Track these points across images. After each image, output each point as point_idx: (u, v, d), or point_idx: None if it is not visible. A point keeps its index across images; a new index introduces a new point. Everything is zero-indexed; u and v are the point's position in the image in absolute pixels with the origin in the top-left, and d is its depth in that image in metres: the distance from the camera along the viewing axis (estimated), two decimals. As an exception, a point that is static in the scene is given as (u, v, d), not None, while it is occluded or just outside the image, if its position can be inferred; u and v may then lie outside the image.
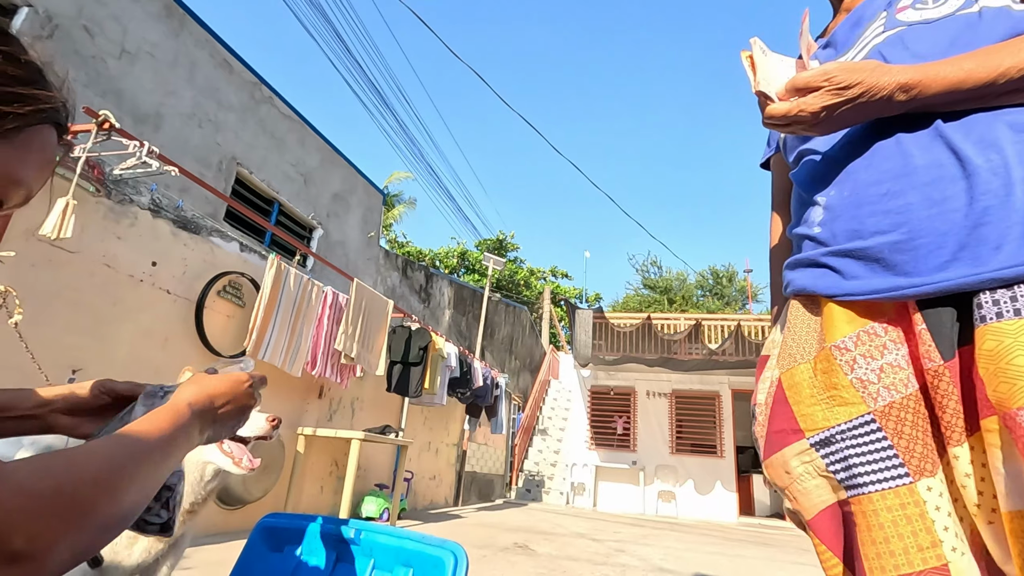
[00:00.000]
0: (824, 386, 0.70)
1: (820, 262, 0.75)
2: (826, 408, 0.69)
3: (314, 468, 4.81)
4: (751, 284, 25.34)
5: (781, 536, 7.70)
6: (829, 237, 0.75)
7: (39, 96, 0.45)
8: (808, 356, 0.74)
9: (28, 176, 0.45)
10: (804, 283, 0.77)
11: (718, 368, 10.74)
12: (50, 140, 0.48)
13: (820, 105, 0.68)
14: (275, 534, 0.81)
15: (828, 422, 0.69)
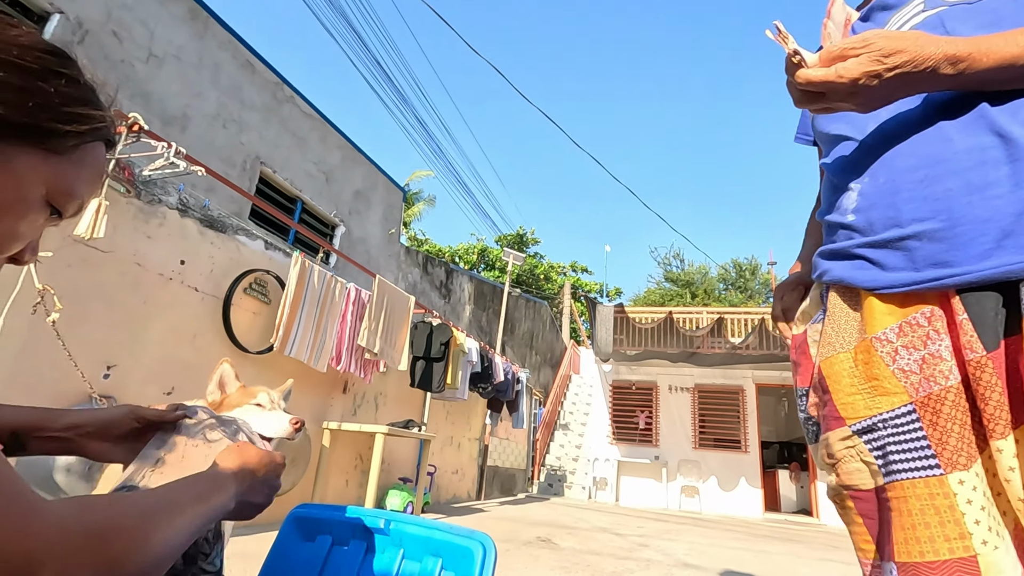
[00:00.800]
0: (865, 376, 0.69)
1: (857, 253, 0.73)
2: (867, 398, 0.68)
3: (339, 462, 4.88)
4: (775, 277, 24.93)
5: (807, 532, 7.59)
6: (865, 226, 0.73)
7: (95, 116, 0.48)
8: (847, 346, 0.72)
9: (83, 190, 0.49)
10: (841, 275, 0.75)
11: (742, 362, 10.60)
12: (102, 155, 0.51)
13: (860, 71, 0.64)
14: (307, 524, 0.82)
15: (870, 411, 0.68)
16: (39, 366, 2.62)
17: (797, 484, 11.83)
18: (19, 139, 0.43)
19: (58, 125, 0.44)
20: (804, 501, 11.48)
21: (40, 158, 0.44)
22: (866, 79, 0.64)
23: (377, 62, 25.05)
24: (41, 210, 0.46)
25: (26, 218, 0.45)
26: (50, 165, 0.45)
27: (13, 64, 0.42)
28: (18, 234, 0.46)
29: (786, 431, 14.12)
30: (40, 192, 0.45)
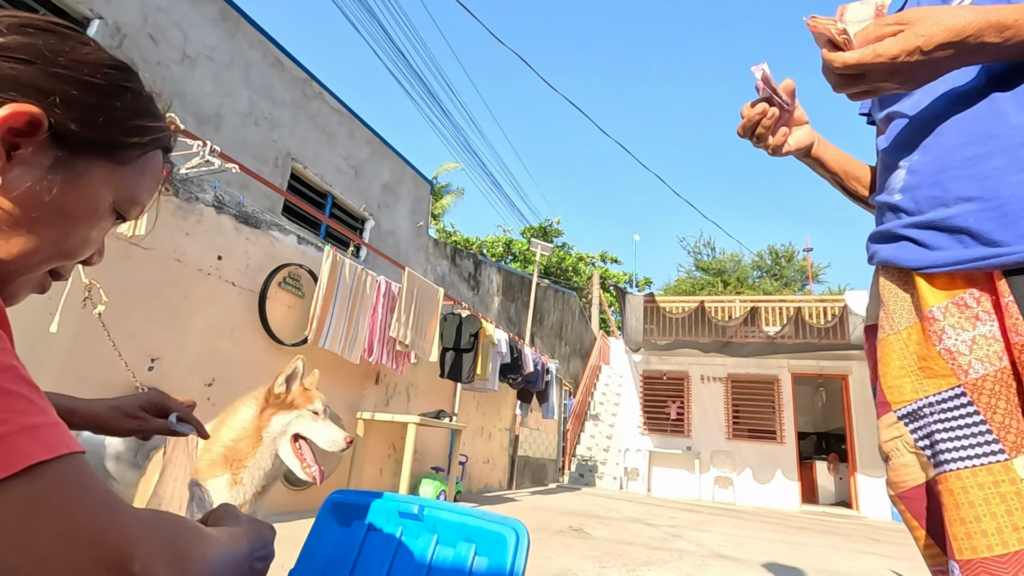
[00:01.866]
0: (917, 357, 0.67)
1: (902, 235, 0.71)
2: (915, 380, 0.66)
3: (373, 451, 4.98)
4: (811, 264, 24.23)
5: (847, 525, 7.41)
6: (911, 206, 0.71)
7: (156, 127, 0.51)
8: (898, 327, 0.70)
9: (145, 197, 0.52)
10: (888, 255, 0.73)
11: (777, 352, 10.36)
12: (160, 162, 0.54)
13: (898, 48, 0.60)
14: (343, 509, 0.84)
15: (916, 394, 0.65)
16: (89, 359, 2.74)
17: (836, 476, 11.54)
18: (92, 153, 0.45)
19: (125, 138, 0.47)
20: (843, 493, 11.19)
21: (109, 169, 0.47)
22: (905, 56, 0.61)
23: (402, 55, 25.19)
24: (109, 217, 0.50)
25: (98, 226, 0.49)
26: (118, 175, 0.48)
27: (85, 83, 0.44)
28: (91, 240, 0.50)
29: (823, 421, 13.77)
30: (109, 201, 0.48)
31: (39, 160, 0.42)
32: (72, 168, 0.44)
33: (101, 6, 3.86)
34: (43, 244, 0.45)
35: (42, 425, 0.34)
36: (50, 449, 0.33)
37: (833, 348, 9.76)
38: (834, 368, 10.54)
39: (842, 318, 9.73)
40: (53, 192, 0.43)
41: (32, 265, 0.46)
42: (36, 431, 0.33)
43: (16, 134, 0.41)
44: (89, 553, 0.32)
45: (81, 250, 0.50)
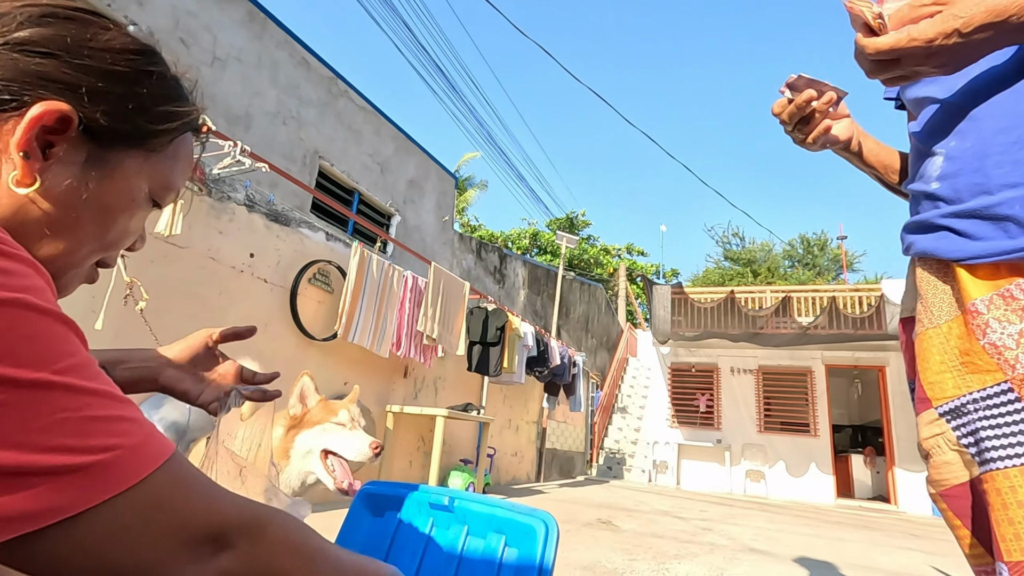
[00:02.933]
0: (959, 351, 0.64)
1: (941, 224, 0.68)
2: (958, 376, 0.63)
3: (403, 443, 5.06)
4: (846, 252, 23.54)
5: (885, 520, 7.22)
6: (950, 194, 0.68)
7: (184, 111, 0.50)
8: (938, 320, 0.68)
9: (179, 182, 0.52)
10: (926, 246, 0.70)
11: (810, 343, 10.11)
12: (191, 145, 0.54)
13: (935, 31, 0.57)
14: (376, 500, 0.86)
15: (959, 390, 0.63)
16: (131, 355, 2.84)
17: (872, 469, 11.25)
18: (123, 144, 0.45)
19: (155, 126, 0.46)
20: (880, 487, 10.90)
21: (142, 158, 0.47)
22: (942, 39, 0.57)
23: (424, 50, 25.29)
24: (147, 205, 0.50)
25: (136, 215, 0.49)
26: (150, 164, 0.47)
27: (110, 72, 0.43)
28: (132, 230, 0.50)
29: (859, 414, 13.42)
30: (145, 190, 0.48)
31: (73, 157, 0.42)
32: (106, 162, 0.44)
33: (135, 12, 3.97)
34: (86, 239, 0.45)
35: (154, 433, 0.37)
36: (160, 454, 0.37)
37: (869, 339, 9.48)
38: (870, 359, 10.25)
39: (878, 308, 9.44)
40: (90, 188, 0.43)
41: (78, 260, 0.47)
42: (152, 439, 0.37)
43: (49, 132, 0.40)
44: (192, 534, 0.37)
45: (123, 240, 0.50)
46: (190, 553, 0.37)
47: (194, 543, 0.37)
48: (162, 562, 0.36)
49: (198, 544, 0.37)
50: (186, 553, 0.37)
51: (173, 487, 0.37)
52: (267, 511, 0.43)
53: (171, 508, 0.36)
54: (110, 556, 0.34)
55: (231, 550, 0.39)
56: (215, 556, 0.38)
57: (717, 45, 70.80)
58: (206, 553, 0.38)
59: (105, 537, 0.33)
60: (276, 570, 0.42)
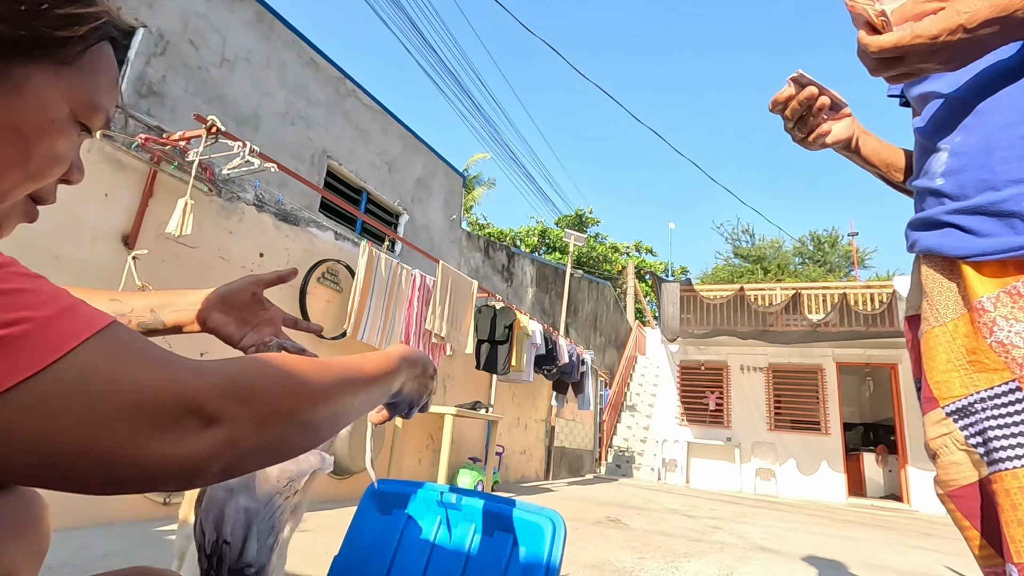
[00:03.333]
0: (965, 350, 0.63)
1: (946, 221, 0.67)
2: (964, 374, 0.63)
3: (412, 441, 5.08)
4: (857, 248, 23.31)
5: (897, 518, 7.15)
6: (955, 190, 0.67)
7: (90, 14, 0.43)
8: (943, 318, 0.67)
9: (104, 99, 0.46)
10: (931, 243, 0.69)
11: (821, 340, 10.03)
12: (111, 56, 0.47)
13: (939, 27, 0.57)
14: (384, 498, 0.86)
15: (966, 389, 0.62)
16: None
17: (885, 468, 11.15)
18: (25, 56, 0.40)
19: (56, 32, 0.41)
20: (893, 486, 10.80)
21: (53, 73, 0.42)
22: (947, 35, 0.57)
23: (432, 49, 25.31)
24: (71, 128, 0.45)
25: (61, 139, 0.44)
26: (64, 79, 0.43)
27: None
28: (59, 156, 0.44)
29: (871, 412, 13.30)
30: (65, 110, 0.43)
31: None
32: (9, 77, 0.39)
33: (145, 15, 4.00)
34: (5, 169, 0.41)
35: (78, 304, 0.34)
36: (88, 326, 0.33)
37: (881, 336, 9.39)
38: (882, 357, 10.15)
39: (890, 304, 9.34)
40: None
41: (2, 192, 0.42)
42: (75, 310, 0.33)
43: None
44: (150, 410, 0.33)
45: (50, 169, 0.44)
46: (165, 430, 0.33)
47: (165, 419, 0.33)
48: (128, 443, 0.32)
49: (171, 420, 0.33)
50: (159, 431, 0.33)
51: (113, 361, 0.33)
52: (241, 363, 0.39)
53: (114, 384, 0.32)
54: (45, 444, 0.30)
55: (221, 422, 0.35)
56: (202, 430, 0.34)
57: (726, 38, 70.36)
58: (191, 427, 0.34)
59: (31, 423, 0.30)
60: (285, 420, 0.38)
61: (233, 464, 0.37)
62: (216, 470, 0.36)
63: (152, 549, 2.31)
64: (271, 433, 0.38)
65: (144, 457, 0.33)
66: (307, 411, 0.41)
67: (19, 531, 0.49)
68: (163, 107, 4.10)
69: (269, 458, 0.40)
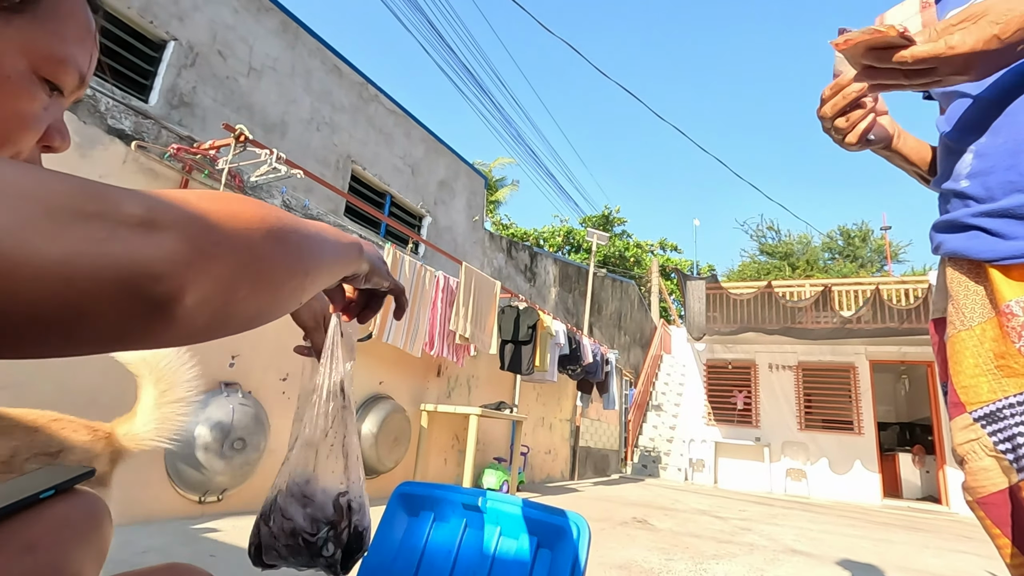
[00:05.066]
0: (993, 354, 0.62)
1: (972, 224, 0.66)
2: (993, 379, 0.61)
3: (437, 442, 5.13)
4: (890, 243, 22.63)
5: (935, 521, 6.93)
6: (981, 193, 0.66)
7: None
8: (970, 322, 0.65)
9: (69, 50, 0.40)
10: (956, 246, 0.68)
11: (852, 337, 9.78)
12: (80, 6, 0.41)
13: (974, 39, 0.56)
14: (411, 500, 0.88)
15: (995, 395, 0.61)
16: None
17: (922, 468, 10.81)
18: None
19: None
20: (931, 487, 10.47)
21: (2, 21, 0.36)
22: (983, 44, 0.56)
23: (453, 52, 25.43)
24: (33, 85, 0.39)
25: (20, 96, 0.38)
26: (16, 28, 0.37)
27: None
28: (22, 117, 0.39)
29: (907, 411, 12.91)
30: (22, 64, 0.38)
31: None
32: None
33: (176, 28, 4.13)
34: None
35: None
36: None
37: (916, 333, 9.10)
38: (918, 354, 9.84)
39: (925, 299, 9.05)
40: None
41: None
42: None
43: None
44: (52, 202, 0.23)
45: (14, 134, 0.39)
46: (74, 224, 0.23)
47: (70, 213, 0.23)
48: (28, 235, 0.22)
49: (81, 215, 0.24)
50: (66, 223, 0.23)
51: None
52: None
53: None
54: None
55: (169, 228, 0.26)
56: (145, 233, 0.25)
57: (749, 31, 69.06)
58: (123, 227, 0.24)
59: None
60: (252, 229, 0.30)
61: (212, 278, 0.28)
62: (190, 283, 0.26)
63: (190, 547, 2.38)
64: (240, 243, 0.30)
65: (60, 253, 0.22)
66: (273, 221, 0.33)
67: (86, 533, 0.52)
68: (194, 117, 4.22)
69: (251, 279, 0.31)
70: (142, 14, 3.88)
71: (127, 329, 0.26)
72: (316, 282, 0.39)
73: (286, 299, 0.35)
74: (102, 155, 2.82)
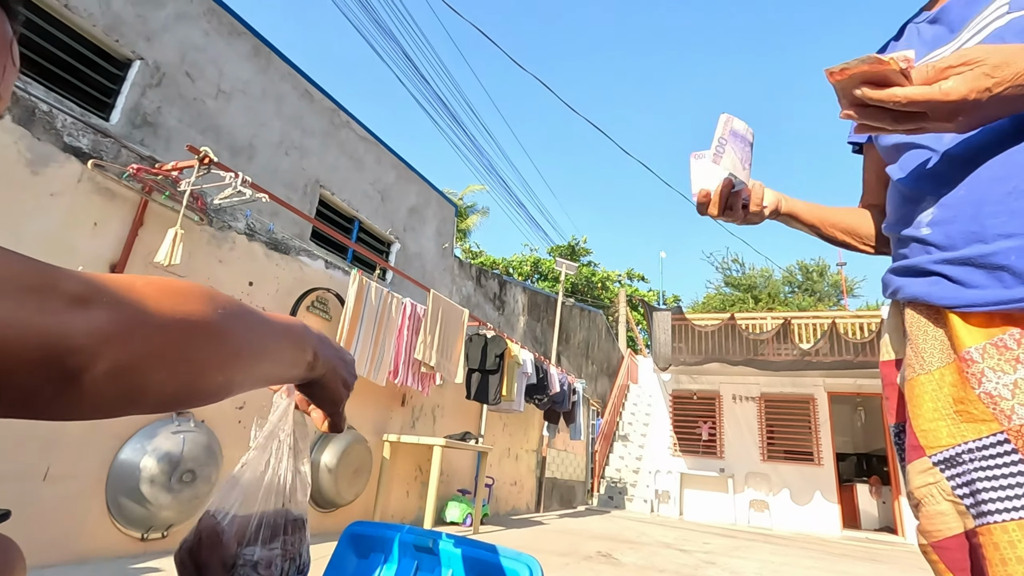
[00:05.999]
0: (952, 399, 0.63)
1: (933, 270, 0.68)
2: (952, 424, 0.62)
3: (400, 473, 4.99)
4: (845, 278, 23.57)
5: (892, 552, 7.06)
6: (943, 240, 0.67)
7: None
8: (929, 366, 0.66)
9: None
10: (917, 291, 0.69)
11: (811, 369, 10.05)
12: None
13: (967, 88, 0.56)
14: (360, 541, 0.85)
15: (954, 439, 0.62)
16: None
17: (879, 499, 11.05)
18: None
19: None
20: (887, 518, 10.70)
21: None
22: (976, 95, 0.57)
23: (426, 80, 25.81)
24: None
25: None
26: None
27: None
28: None
29: (864, 442, 13.25)
30: None
31: None
32: None
33: (143, 48, 4.07)
34: None
35: None
36: None
37: (870, 366, 9.43)
38: (873, 387, 10.17)
39: (878, 333, 9.41)
40: None
41: None
42: None
43: None
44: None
45: None
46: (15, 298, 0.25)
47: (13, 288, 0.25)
48: None
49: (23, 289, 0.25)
50: None
51: None
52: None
53: None
54: None
55: (96, 304, 0.28)
56: (71, 308, 0.27)
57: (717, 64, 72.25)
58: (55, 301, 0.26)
59: None
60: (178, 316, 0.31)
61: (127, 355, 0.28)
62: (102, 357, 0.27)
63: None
64: (168, 328, 0.30)
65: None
66: (213, 318, 0.33)
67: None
68: (157, 137, 4.14)
69: (171, 363, 0.31)
70: (108, 32, 3.82)
71: (36, 396, 0.27)
72: (250, 382, 0.39)
73: (210, 390, 0.35)
74: (56, 173, 2.73)
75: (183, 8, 4.45)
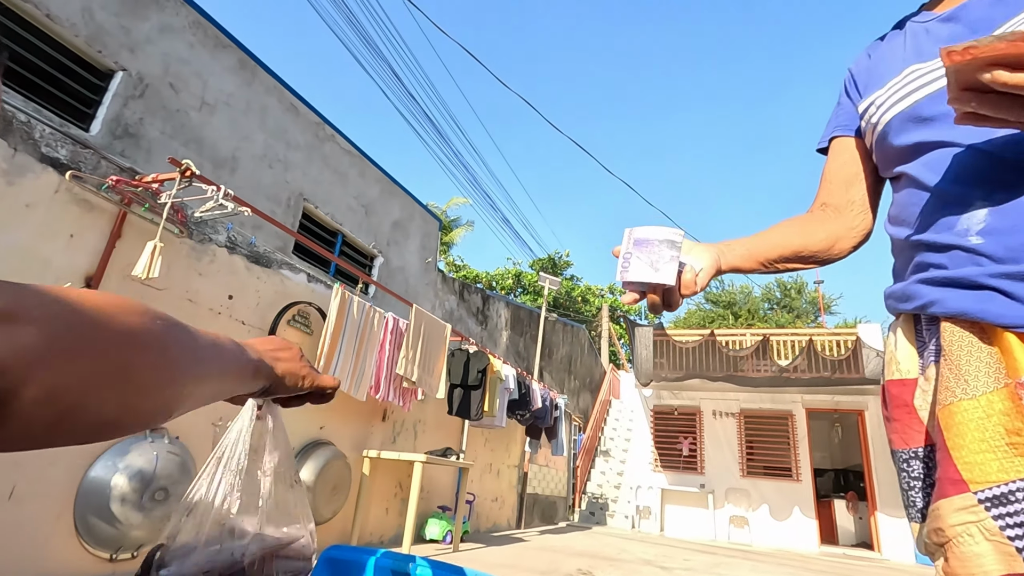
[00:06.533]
0: (1004, 430, 0.56)
1: (986, 284, 0.60)
2: (1003, 457, 0.55)
3: (380, 490, 4.93)
4: (823, 296, 24.05)
5: (869, 568, 7.14)
6: (1001, 252, 0.60)
7: None
8: (974, 391, 0.59)
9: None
10: (964, 306, 0.62)
11: (790, 385, 10.21)
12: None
13: None
14: (337, 566, 0.85)
15: (1007, 475, 0.55)
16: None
17: (855, 515, 11.19)
18: None
19: None
20: (863, 533, 10.82)
21: None
22: None
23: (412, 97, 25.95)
24: None
25: None
26: None
27: None
28: None
29: (841, 458, 13.43)
30: None
31: None
32: None
33: (126, 59, 4.05)
34: None
35: None
36: None
37: (847, 383, 9.60)
38: (850, 403, 10.34)
39: (855, 351, 9.60)
40: None
41: None
42: None
43: None
44: None
45: None
46: None
47: None
48: None
49: None
50: None
51: None
52: None
53: None
54: None
55: (21, 320, 0.25)
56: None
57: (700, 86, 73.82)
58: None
59: None
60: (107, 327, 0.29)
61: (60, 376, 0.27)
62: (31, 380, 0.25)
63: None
64: (106, 345, 0.29)
65: None
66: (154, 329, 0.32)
67: None
68: (138, 149, 4.10)
69: (110, 384, 0.29)
70: (90, 43, 3.79)
71: None
72: (194, 399, 0.38)
73: (152, 411, 0.33)
74: (32, 184, 2.69)
75: (168, 20, 4.45)
